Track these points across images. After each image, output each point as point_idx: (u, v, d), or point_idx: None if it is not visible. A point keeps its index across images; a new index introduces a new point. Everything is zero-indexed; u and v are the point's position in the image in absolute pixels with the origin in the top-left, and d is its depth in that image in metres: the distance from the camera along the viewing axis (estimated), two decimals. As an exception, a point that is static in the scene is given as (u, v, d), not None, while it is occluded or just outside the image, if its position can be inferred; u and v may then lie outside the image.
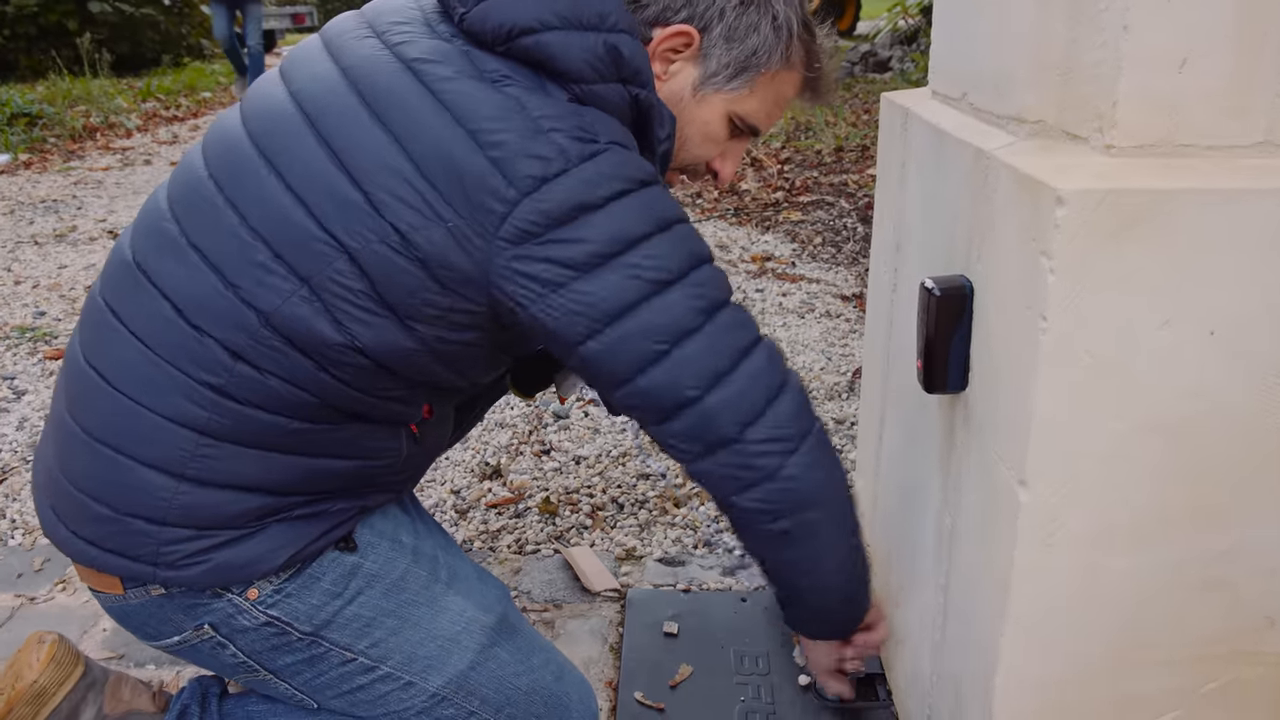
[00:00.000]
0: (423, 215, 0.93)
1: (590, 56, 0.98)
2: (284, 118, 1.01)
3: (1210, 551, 1.00)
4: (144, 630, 1.12)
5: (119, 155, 6.69)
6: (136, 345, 1.01)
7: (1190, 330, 0.91)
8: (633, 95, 1.03)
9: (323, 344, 0.98)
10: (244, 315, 0.97)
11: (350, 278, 0.95)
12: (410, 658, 1.12)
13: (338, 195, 0.95)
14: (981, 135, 1.15)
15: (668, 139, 1.07)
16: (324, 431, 1.04)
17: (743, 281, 3.83)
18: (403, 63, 0.99)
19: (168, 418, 1.00)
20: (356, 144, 0.96)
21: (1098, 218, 0.87)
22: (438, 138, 0.94)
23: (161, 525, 1.02)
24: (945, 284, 1.13)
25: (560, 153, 0.93)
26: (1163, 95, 0.90)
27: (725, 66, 1.09)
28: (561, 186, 0.93)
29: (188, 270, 1.00)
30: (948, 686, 1.26)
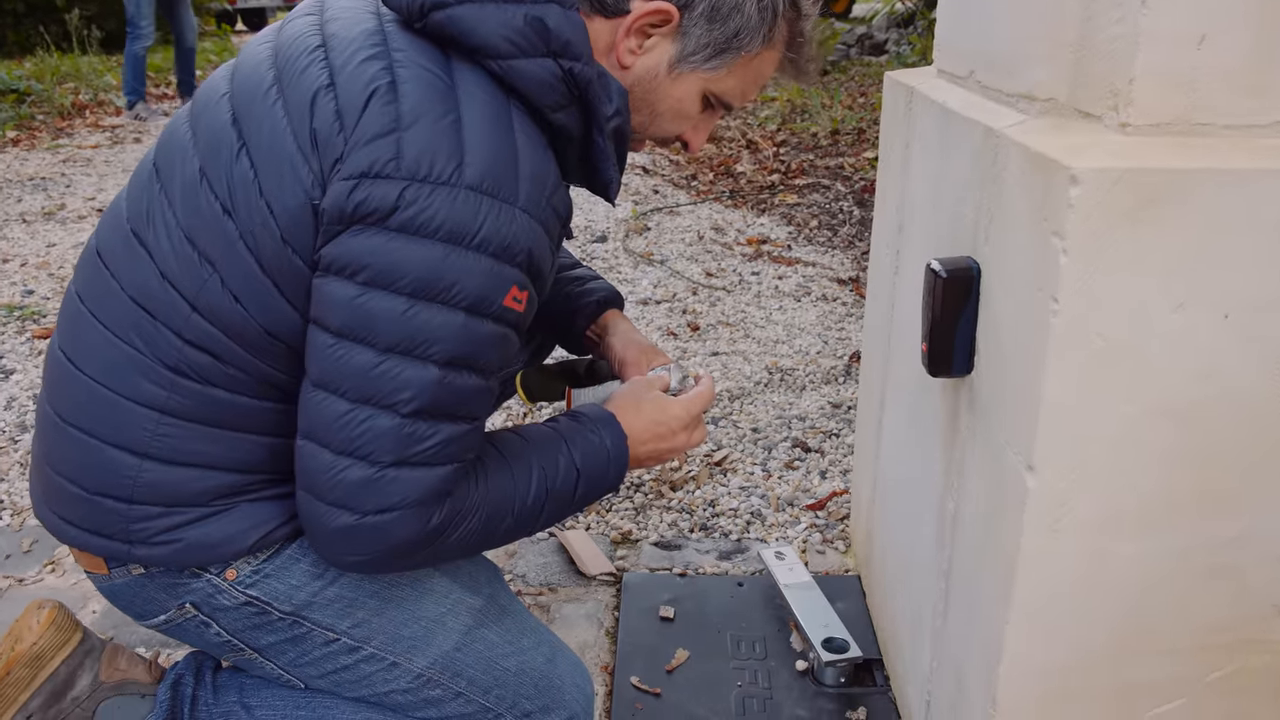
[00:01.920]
0: (296, 194, 0.93)
1: (507, 30, 0.93)
2: (214, 101, 1.03)
3: (1218, 538, 0.98)
4: (133, 609, 1.13)
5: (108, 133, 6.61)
6: (99, 329, 1.03)
7: (1204, 313, 0.89)
8: (565, 69, 0.96)
9: (243, 330, 0.98)
10: (178, 302, 0.99)
11: (248, 260, 0.96)
12: (394, 638, 1.11)
13: (235, 175, 0.96)
14: (990, 114, 1.13)
15: (617, 114, 1.00)
16: (284, 411, 1.03)
17: (738, 264, 3.81)
18: (321, 37, 0.99)
19: (128, 398, 1.01)
20: (254, 118, 0.97)
21: (1112, 198, 0.85)
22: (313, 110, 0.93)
23: (130, 503, 1.03)
24: (952, 266, 1.11)
25: (394, 157, 0.89)
26: (1180, 73, 0.88)
27: (704, 46, 1.03)
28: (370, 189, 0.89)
29: (131, 256, 1.02)
30: (949, 673, 1.25)
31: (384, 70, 0.93)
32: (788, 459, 2.38)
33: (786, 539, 2.06)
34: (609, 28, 1.03)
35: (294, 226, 0.94)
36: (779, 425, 2.54)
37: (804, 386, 2.78)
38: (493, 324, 0.93)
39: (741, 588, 1.86)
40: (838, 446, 2.43)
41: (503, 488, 1.02)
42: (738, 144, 5.87)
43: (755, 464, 2.36)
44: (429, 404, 0.92)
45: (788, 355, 2.98)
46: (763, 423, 2.56)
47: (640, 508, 2.18)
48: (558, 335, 1.43)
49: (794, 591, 1.73)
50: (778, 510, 2.17)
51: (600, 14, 1.01)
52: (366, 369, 0.91)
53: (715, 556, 1.99)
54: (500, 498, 1.02)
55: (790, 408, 2.64)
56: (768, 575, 1.83)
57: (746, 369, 2.87)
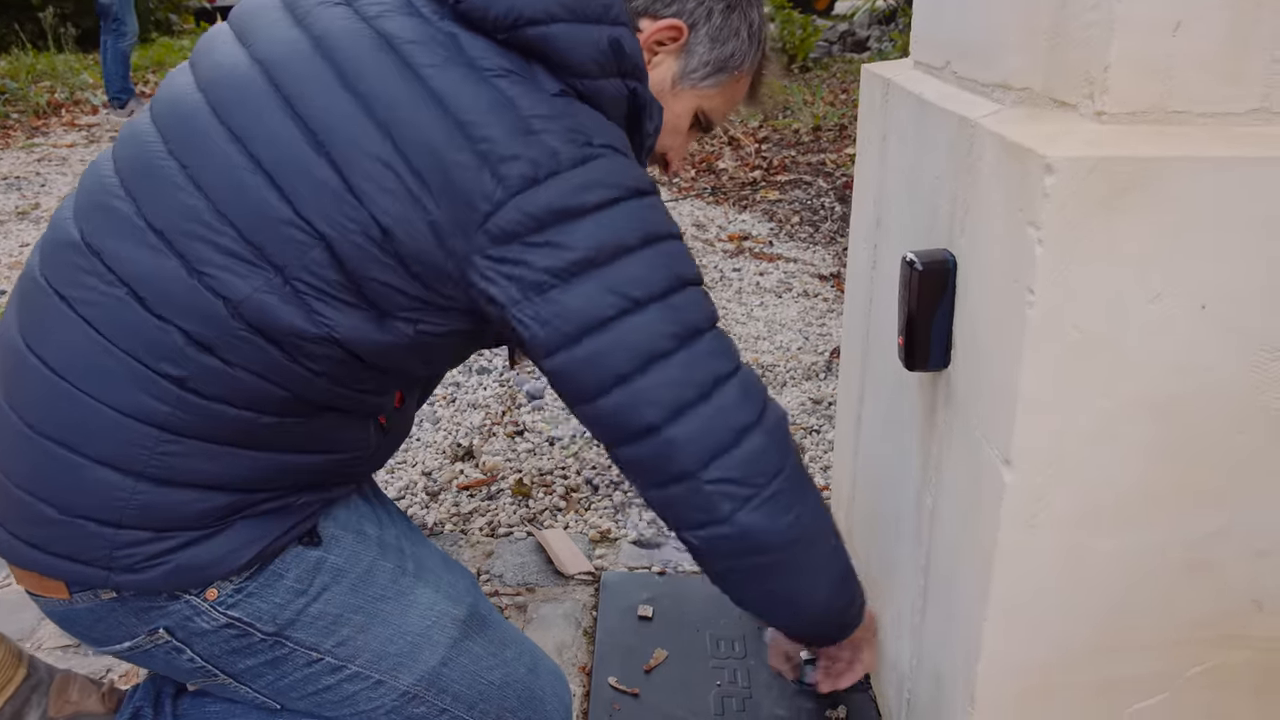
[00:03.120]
0: (406, 208, 0.89)
1: (595, 51, 0.96)
2: (251, 89, 0.94)
3: (1198, 533, 0.97)
4: (91, 635, 1.05)
5: (84, 132, 6.53)
6: (87, 331, 0.93)
7: (1181, 304, 0.88)
8: (630, 89, 1.02)
9: (295, 335, 0.92)
10: (211, 305, 0.91)
11: (326, 268, 0.90)
12: (379, 655, 1.07)
13: (316, 180, 0.89)
14: (966, 104, 1.11)
15: (655, 132, 1.07)
16: (295, 425, 0.99)
17: (720, 261, 3.79)
18: (382, 38, 0.92)
19: (124, 412, 0.93)
20: (336, 126, 0.90)
21: (1088, 187, 0.84)
22: (425, 127, 0.88)
23: (117, 528, 0.95)
24: (927, 258, 1.09)
25: (551, 155, 0.90)
26: (1155, 60, 0.87)
27: (705, 64, 1.11)
28: (550, 190, 0.89)
29: (147, 254, 0.92)
30: (927, 670, 1.24)
31: (484, 82, 0.92)
32: (768, 456, 2.36)
33: (767, 536, 2.04)
34: None
35: (407, 239, 0.90)
36: (760, 422, 2.53)
37: (785, 383, 2.76)
38: (682, 240, 1.01)
39: (721, 586, 1.84)
40: (819, 443, 2.42)
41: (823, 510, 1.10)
42: (719, 140, 5.86)
43: (736, 461, 2.34)
44: (709, 314, 1.00)
45: (769, 351, 2.97)
46: (744, 420, 2.54)
47: (619, 506, 2.16)
48: None
49: (774, 589, 1.71)
50: (758, 507, 2.15)
51: None
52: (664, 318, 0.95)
53: (695, 555, 1.97)
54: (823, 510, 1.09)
55: (771, 404, 2.63)
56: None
57: (727, 366, 2.86)
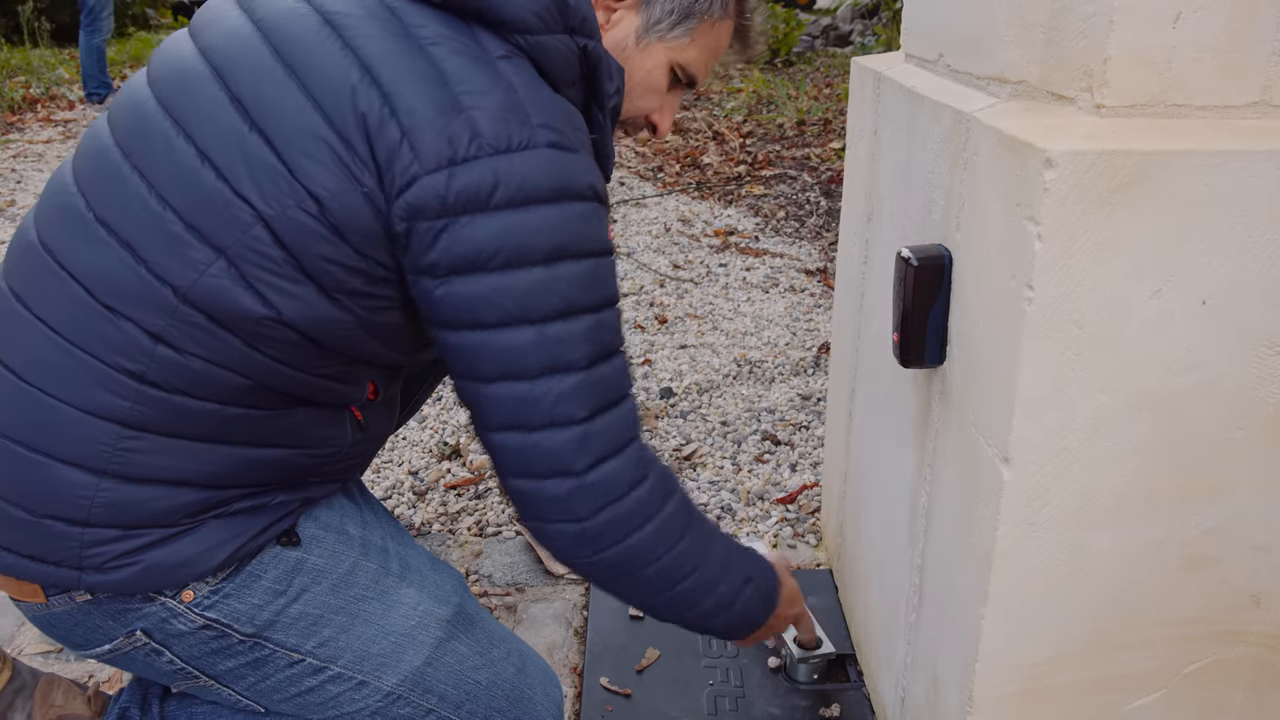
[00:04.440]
0: (340, 180, 0.88)
1: (535, 5, 0.93)
2: (193, 75, 0.94)
3: (1196, 528, 0.97)
4: (71, 639, 1.04)
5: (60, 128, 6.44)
6: (46, 333, 0.93)
7: (1182, 299, 0.87)
8: (580, 46, 0.98)
9: (246, 318, 0.91)
10: (159, 292, 0.90)
11: (268, 245, 0.89)
12: (362, 656, 1.05)
13: (251, 157, 0.89)
14: (960, 97, 1.10)
15: (617, 92, 1.03)
16: (262, 418, 0.97)
17: (706, 256, 3.78)
18: (321, 15, 0.92)
19: (85, 410, 0.92)
20: (269, 101, 0.89)
21: (1088, 181, 0.83)
22: (357, 99, 0.87)
23: (85, 526, 0.94)
24: (923, 254, 1.08)
25: (474, 136, 0.86)
26: (1155, 52, 0.86)
27: (668, 14, 1.06)
28: (463, 175, 0.86)
29: (96, 247, 0.92)
30: (923, 668, 1.23)
31: (419, 51, 0.89)
32: (757, 452, 2.35)
33: (757, 533, 2.03)
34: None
35: (342, 211, 0.88)
36: (748, 418, 2.52)
37: (773, 379, 2.75)
38: (608, 256, 0.96)
39: (712, 584, 1.83)
40: (807, 439, 2.41)
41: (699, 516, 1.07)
42: (704, 135, 5.84)
43: (725, 458, 2.33)
44: (596, 349, 0.94)
45: (756, 347, 2.96)
46: (732, 416, 2.53)
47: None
48: None
49: (766, 587, 1.70)
50: (748, 504, 2.14)
51: None
52: (536, 342, 0.91)
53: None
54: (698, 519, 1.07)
55: (759, 400, 2.62)
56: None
57: (715, 361, 2.84)
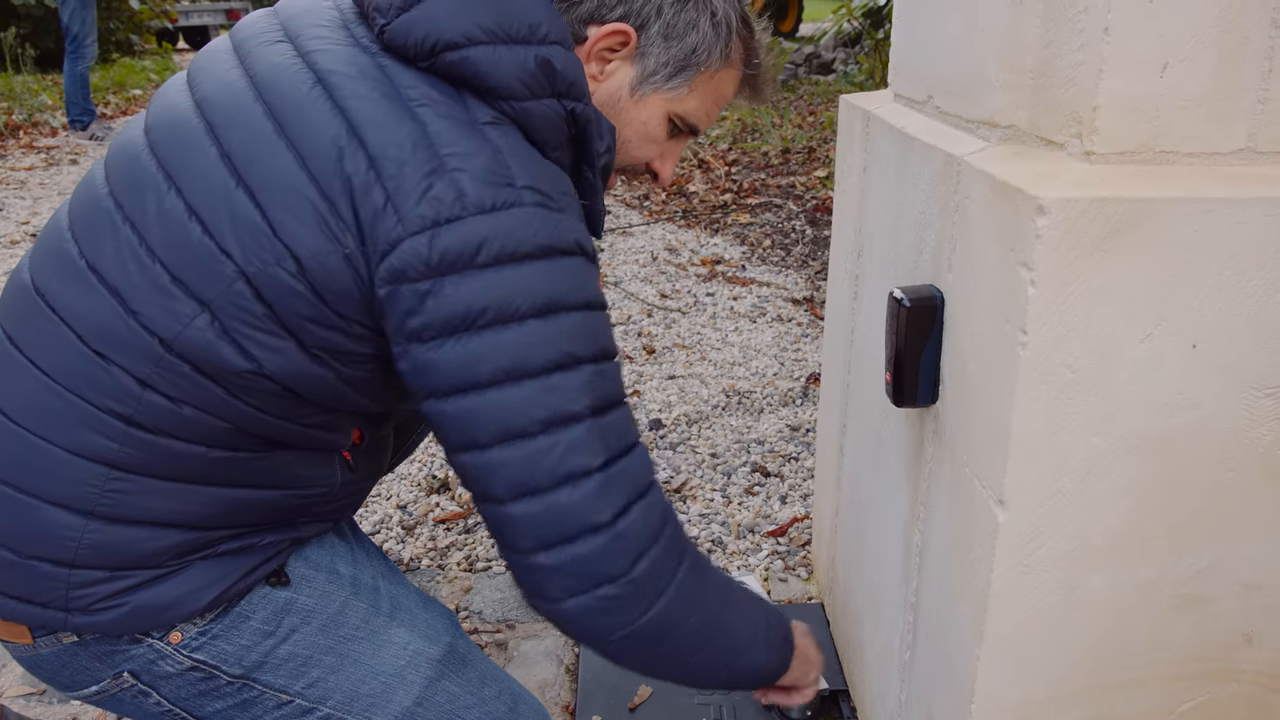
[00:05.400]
0: (320, 240, 0.88)
1: (521, 73, 0.92)
2: (186, 128, 0.94)
3: (1189, 568, 0.97)
4: (58, 680, 1.03)
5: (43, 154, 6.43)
6: (36, 375, 0.93)
7: (1172, 343, 0.88)
8: (568, 110, 0.97)
9: (228, 370, 0.91)
10: (147, 342, 0.90)
11: (250, 300, 0.89)
12: (351, 696, 1.05)
13: (236, 214, 0.89)
14: (951, 140, 1.11)
15: (607, 151, 1.02)
16: (248, 460, 0.97)
17: (693, 285, 3.79)
18: (314, 74, 0.92)
19: (73, 452, 0.92)
20: (258, 160, 0.89)
21: (1080, 227, 0.84)
22: (340, 159, 0.88)
23: (71, 568, 0.94)
24: (915, 294, 1.09)
25: (458, 197, 0.86)
26: (1144, 100, 0.87)
27: (664, 65, 1.04)
28: (447, 236, 0.86)
29: (88, 295, 0.93)
30: (918, 707, 1.22)
31: (407, 113, 0.89)
32: (747, 484, 2.35)
33: (748, 567, 2.03)
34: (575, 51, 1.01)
35: (321, 271, 0.88)
36: (738, 449, 2.52)
37: (762, 409, 2.76)
38: (600, 310, 0.96)
39: (704, 619, 1.82)
40: (797, 470, 2.41)
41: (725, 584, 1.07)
42: (689, 164, 5.88)
43: (715, 490, 2.33)
44: (601, 397, 0.93)
45: (745, 377, 2.96)
46: (721, 447, 2.53)
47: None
48: None
49: (757, 622, 1.69)
50: (739, 537, 2.14)
51: None
52: (534, 398, 0.90)
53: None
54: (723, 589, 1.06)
55: (749, 431, 2.62)
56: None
57: (704, 392, 2.85)
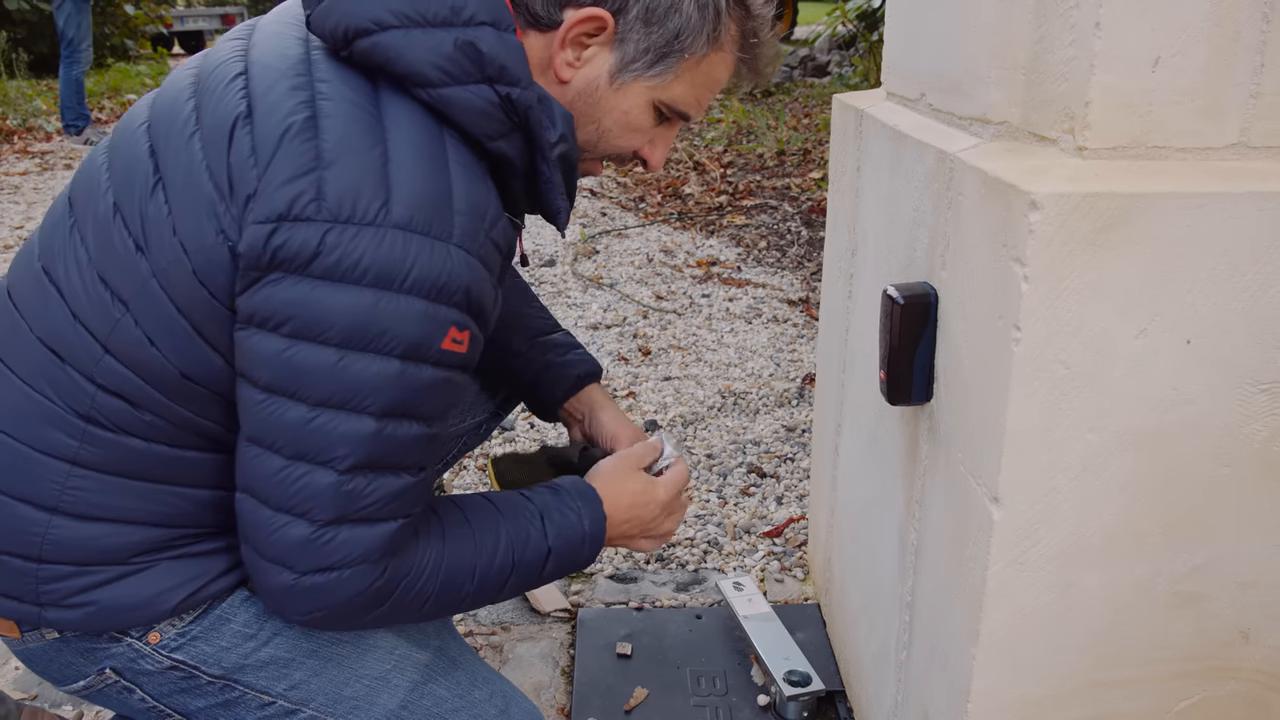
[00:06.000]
0: (210, 233, 0.86)
1: (435, 57, 0.87)
2: (134, 129, 0.96)
3: (1185, 565, 0.97)
4: (50, 674, 1.05)
5: (37, 159, 6.41)
6: (5, 374, 0.96)
7: (1166, 339, 0.88)
8: (502, 95, 0.90)
9: (159, 372, 0.91)
10: (89, 344, 0.92)
11: (162, 300, 0.89)
12: (334, 699, 1.04)
13: (148, 211, 0.89)
14: (943, 137, 1.11)
15: (562, 140, 0.94)
16: (211, 462, 0.97)
17: (689, 287, 3.79)
18: (244, 65, 0.93)
19: (36, 448, 0.93)
20: (172, 151, 0.90)
21: (1073, 223, 0.83)
22: (230, 140, 0.87)
23: (39, 563, 0.95)
24: (909, 292, 1.09)
25: (316, 198, 0.83)
26: (1136, 95, 0.87)
27: (644, 52, 0.96)
28: (291, 232, 0.82)
29: (43, 299, 0.95)
30: (914, 708, 1.22)
31: (305, 103, 0.87)
32: (743, 485, 2.34)
33: (744, 568, 2.02)
34: (544, 42, 0.96)
35: (209, 267, 0.87)
36: (734, 450, 2.51)
37: (757, 410, 2.75)
38: (432, 369, 0.88)
39: (700, 620, 1.81)
40: (793, 471, 2.41)
41: (463, 553, 0.97)
42: (685, 165, 5.88)
43: (711, 491, 2.32)
44: (367, 458, 0.87)
45: (740, 378, 2.96)
46: (717, 448, 2.53)
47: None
48: (530, 401, 1.37)
49: (753, 623, 1.69)
50: (734, 538, 2.13)
51: (534, 28, 0.96)
52: (299, 425, 0.85)
53: (672, 588, 1.94)
54: (460, 563, 0.97)
55: (744, 432, 2.61)
56: (727, 606, 1.79)
57: (699, 393, 2.84)
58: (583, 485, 1.09)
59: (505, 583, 1.01)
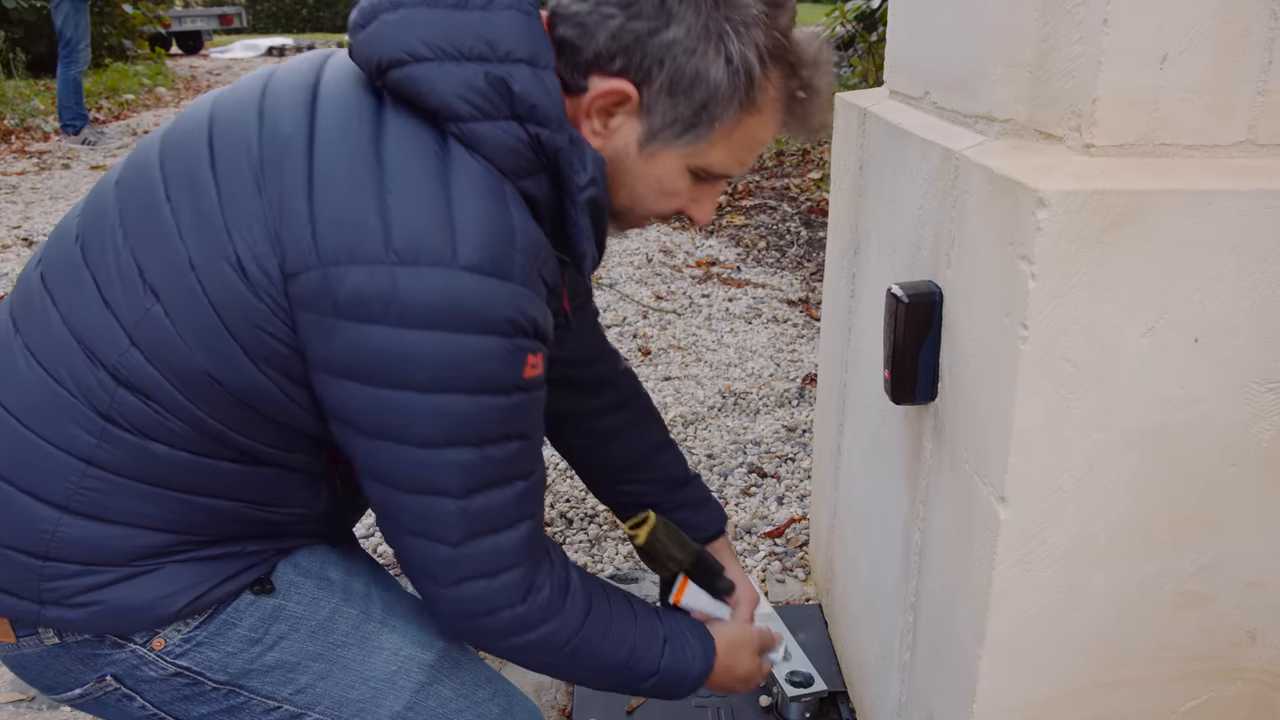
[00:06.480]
0: (262, 245, 0.86)
1: (464, 90, 0.86)
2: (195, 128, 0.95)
3: (1192, 565, 0.96)
4: (42, 682, 1.02)
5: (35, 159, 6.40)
6: (28, 360, 0.93)
7: (1174, 337, 0.87)
8: (531, 134, 0.88)
9: (184, 369, 0.89)
10: (115, 333, 0.90)
11: (197, 296, 0.88)
12: (340, 702, 1.03)
13: (202, 214, 0.88)
14: (948, 135, 1.10)
15: (592, 184, 0.91)
16: (225, 471, 0.95)
17: (689, 287, 3.78)
18: (315, 80, 0.93)
19: (53, 444, 0.92)
20: (233, 170, 0.89)
21: (1081, 220, 0.83)
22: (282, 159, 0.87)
23: (44, 560, 0.93)
24: (913, 290, 1.08)
25: (382, 239, 0.82)
26: (1143, 92, 0.87)
27: (672, 123, 0.92)
28: (360, 277, 0.82)
29: (80, 290, 0.92)
30: (919, 709, 1.21)
31: (370, 137, 0.86)
32: (744, 485, 2.34)
33: (746, 568, 2.01)
34: (571, 105, 0.93)
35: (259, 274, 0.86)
36: (734, 450, 2.51)
37: (758, 410, 2.75)
38: (518, 394, 0.90)
39: (701, 620, 1.80)
40: (794, 471, 2.40)
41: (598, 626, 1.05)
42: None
43: (712, 491, 2.32)
44: (478, 481, 0.91)
45: (740, 379, 2.95)
46: (717, 448, 2.52)
47: (595, 540, 2.12)
48: None
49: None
50: (736, 538, 2.12)
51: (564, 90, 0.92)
52: (407, 464, 0.89)
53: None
54: (593, 633, 1.04)
55: (745, 432, 2.61)
56: (728, 607, 1.78)
57: (700, 393, 2.84)
58: (708, 639, 1.17)
59: (615, 671, 1.08)
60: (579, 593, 1.02)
